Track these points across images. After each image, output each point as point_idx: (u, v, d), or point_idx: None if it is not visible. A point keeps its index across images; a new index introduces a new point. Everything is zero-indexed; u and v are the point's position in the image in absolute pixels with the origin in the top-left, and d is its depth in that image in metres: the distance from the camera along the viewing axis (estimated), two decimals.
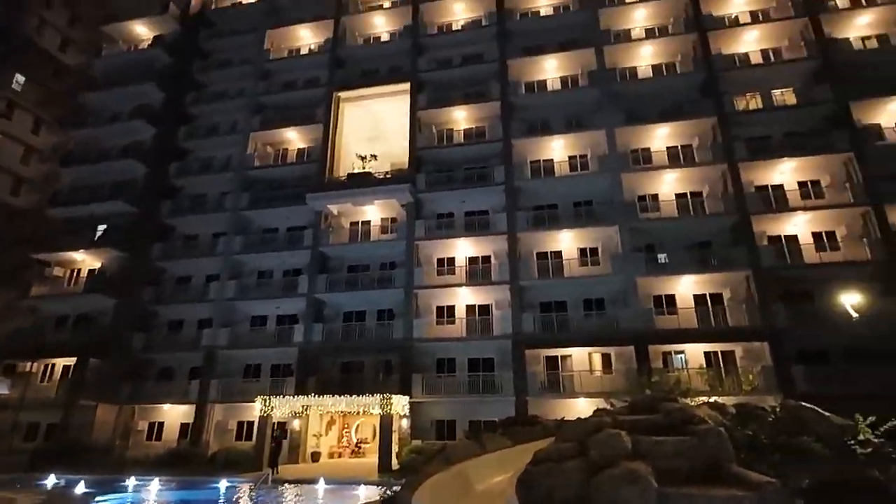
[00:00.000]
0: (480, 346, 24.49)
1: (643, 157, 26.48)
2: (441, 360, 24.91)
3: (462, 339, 24.55)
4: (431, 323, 25.58)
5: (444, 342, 24.70)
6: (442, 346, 24.79)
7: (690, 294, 23.66)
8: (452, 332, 25.01)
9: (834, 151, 23.42)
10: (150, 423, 26.76)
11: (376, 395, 21.53)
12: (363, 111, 31.55)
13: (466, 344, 24.55)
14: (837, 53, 25.07)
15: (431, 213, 27.88)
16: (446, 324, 25.59)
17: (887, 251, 21.25)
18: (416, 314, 25.36)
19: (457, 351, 24.82)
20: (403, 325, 24.75)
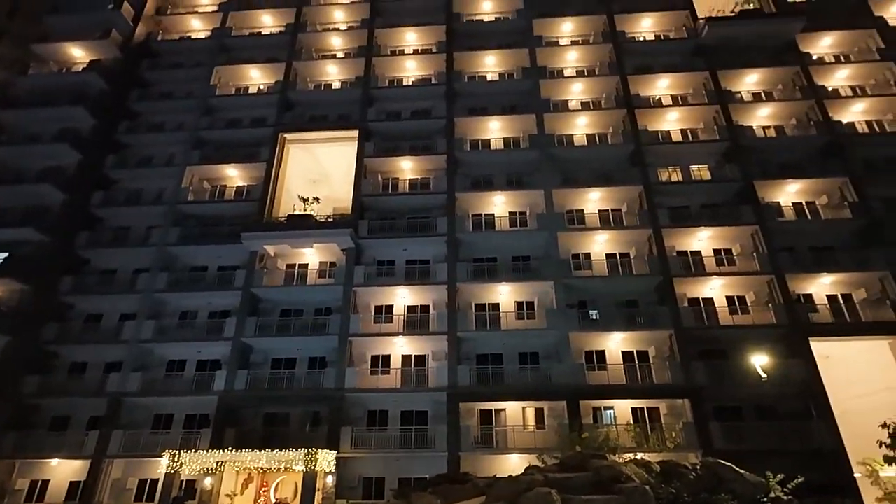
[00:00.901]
0: (414, 398, 23.87)
1: (577, 218, 28.00)
2: (373, 412, 23.96)
3: (396, 391, 23.86)
4: (365, 373, 24.77)
5: (378, 393, 23.88)
6: (375, 397, 23.93)
7: (619, 351, 24.58)
8: (387, 383, 24.29)
9: (742, 224, 25.92)
10: (33, 482, 23.38)
11: (301, 450, 20.17)
12: (308, 154, 31.48)
13: (400, 396, 23.86)
14: (743, 138, 28.31)
15: (372, 260, 27.64)
16: (381, 374, 24.86)
17: (789, 317, 23.35)
18: (350, 363, 24.51)
19: (390, 403, 24.01)
20: (336, 375, 23.76)
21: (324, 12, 36.01)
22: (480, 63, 33.03)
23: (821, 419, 21.21)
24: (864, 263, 24.40)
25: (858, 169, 26.87)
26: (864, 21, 31.33)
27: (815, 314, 24.14)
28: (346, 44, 34.79)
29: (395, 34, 34.26)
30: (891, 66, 29.63)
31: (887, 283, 23.94)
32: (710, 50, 31.19)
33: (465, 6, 35.01)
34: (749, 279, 24.94)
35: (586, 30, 33.76)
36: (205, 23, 36.62)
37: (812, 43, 31.35)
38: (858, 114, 29.44)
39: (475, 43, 33.34)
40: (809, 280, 24.71)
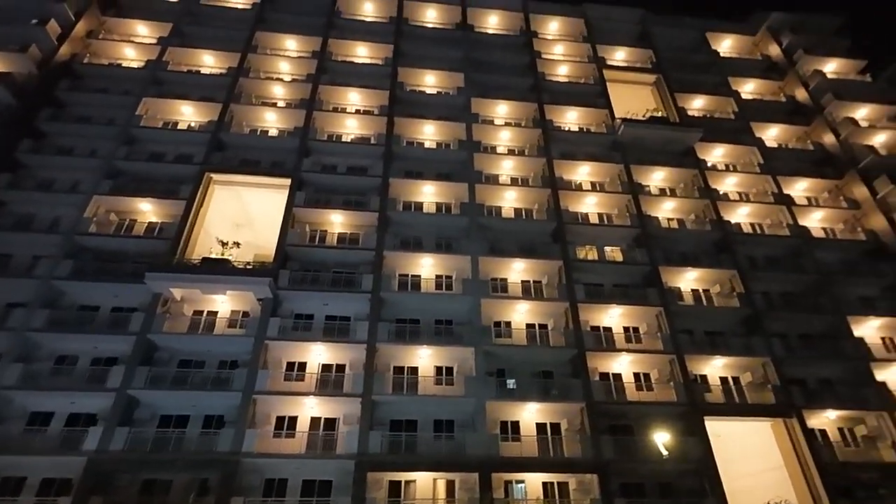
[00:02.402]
0: (320, 465, 22.10)
1: (501, 286, 28.80)
2: (271, 480, 21.80)
3: (300, 457, 21.99)
4: (267, 435, 22.75)
5: (280, 459, 21.85)
6: (276, 463, 21.87)
7: (533, 422, 24.68)
8: (291, 448, 22.39)
9: (649, 304, 27.95)
10: None
11: None
12: (235, 197, 30.33)
13: (304, 463, 21.98)
14: (651, 227, 31.24)
15: (289, 313, 26.33)
16: (285, 437, 22.95)
17: (687, 395, 24.93)
18: (252, 424, 22.47)
19: (292, 470, 22.02)
20: (233, 436, 21.56)
21: (269, 62, 36.23)
22: (419, 130, 34.40)
23: (714, 497, 22.21)
24: (749, 349, 27.01)
25: (744, 264, 30.37)
26: (748, 139, 36.75)
27: (709, 394, 26.00)
28: (288, 94, 34.95)
29: (339, 92, 35.03)
30: (769, 179, 34.63)
31: (768, 368, 26.54)
32: (625, 146, 34.88)
33: (410, 77, 36.84)
34: (654, 357, 26.54)
35: (519, 114, 36.60)
36: (140, 53, 35.39)
37: (707, 152, 36.09)
38: (744, 216, 33.75)
39: (416, 111, 34.86)
40: (704, 361, 26.79)
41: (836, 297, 29.59)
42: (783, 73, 41.71)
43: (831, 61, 40.73)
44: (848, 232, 33.80)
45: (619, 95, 38.07)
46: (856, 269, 31.58)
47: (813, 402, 25.78)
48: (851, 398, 26.32)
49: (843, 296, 30.00)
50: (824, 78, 39.02)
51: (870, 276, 31.04)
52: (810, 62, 40.41)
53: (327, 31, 37.59)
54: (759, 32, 44.11)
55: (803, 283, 30.42)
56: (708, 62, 41.89)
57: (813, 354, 27.92)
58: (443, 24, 40.46)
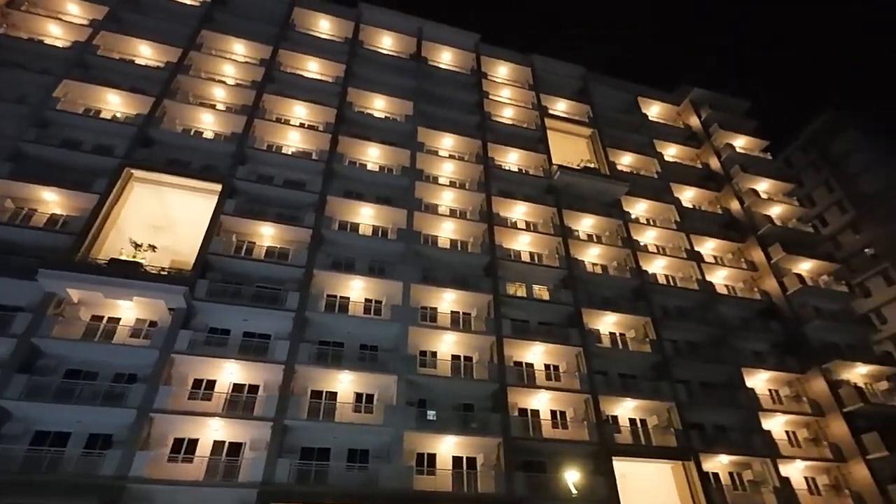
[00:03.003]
0: (218, 495, 20.34)
1: (431, 315, 28.74)
2: None
3: (198, 484, 20.16)
4: (161, 459, 20.74)
5: (174, 486, 19.84)
6: (168, 491, 19.84)
7: (450, 455, 24.41)
8: (188, 474, 20.51)
9: (570, 344, 29.00)
10: None
11: None
12: (156, 197, 28.38)
13: (201, 492, 20.15)
14: (577, 270, 32.77)
15: (203, 326, 24.60)
16: (182, 462, 21.03)
17: (599, 436, 25.84)
18: (145, 445, 20.42)
19: (186, 499, 20.10)
20: (121, 459, 19.41)
21: (213, 62, 34.86)
22: (363, 152, 34.26)
23: None
24: (657, 393, 28.64)
25: (657, 313, 32.51)
26: (667, 198, 40.00)
27: (619, 435, 27.12)
28: (229, 98, 33.68)
29: (285, 103, 34.26)
30: (683, 236, 37.69)
31: (672, 413, 28.20)
32: (559, 191, 36.73)
33: (360, 99, 36.86)
34: (571, 396, 27.38)
35: (463, 148, 37.59)
36: (67, 32, 32.76)
37: (632, 205, 38.81)
38: (660, 268, 36.34)
39: (361, 132, 34.79)
40: (616, 402, 28.03)
41: (734, 350, 32.34)
42: (700, 142, 46.20)
43: (740, 138, 45.70)
44: (746, 291, 37.34)
45: (557, 143, 40.36)
46: (751, 326, 34.81)
47: (709, 447, 27.64)
48: (742, 444, 28.52)
49: (739, 349, 32.86)
50: (734, 151, 43.62)
51: (762, 332, 34.30)
52: (723, 136, 45.10)
53: (279, 42, 36.95)
54: (682, 104, 48.81)
55: (706, 334, 33.00)
56: (638, 124, 45.57)
57: (711, 401, 30.10)
58: (397, 53, 41.15)
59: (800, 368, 32.61)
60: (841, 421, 30.04)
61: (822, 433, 30.73)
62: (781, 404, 31.82)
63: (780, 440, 29.49)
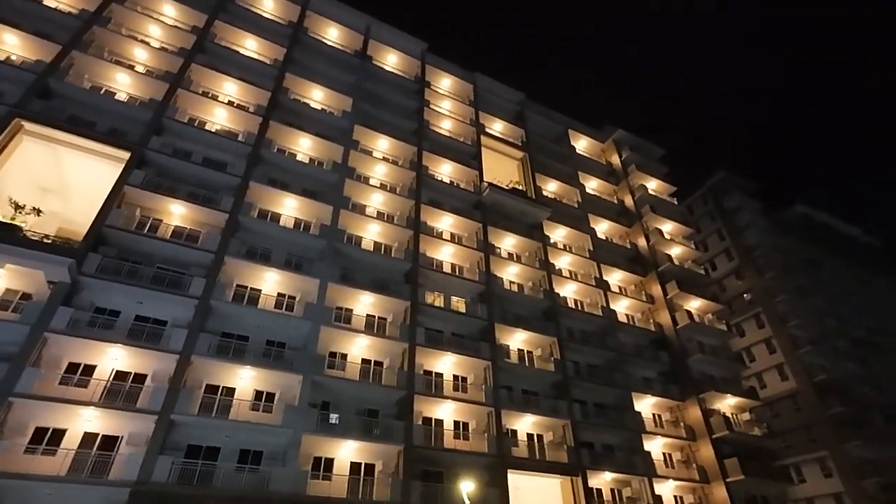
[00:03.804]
0: (83, 493, 18.27)
1: (345, 317, 28.13)
2: None
3: (58, 480, 17.94)
4: (17, 449, 18.33)
5: (27, 481, 17.54)
6: (20, 486, 17.53)
7: (349, 461, 23.90)
8: (48, 468, 18.22)
9: (480, 357, 29.66)
10: None
11: None
12: (50, 156, 25.39)
13: (64, 489, 17.98)
14: (495, 286, 33.72)
15: (88, 304, 22.21)
16: (42, 454, 18.71)
17: (498, 448, 26.57)
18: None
19: (42, 496, 17.86)
20: None
21: (137, 20, 32.00)
22: (294, 141, 33.02)
23: None
24: (555, 411, 30.08)
25: (564, 334, 34.26)
26: (584, 227, 42.49)
27: (516, 448, 28.08)
28: (151, 61, 31.05)
29: (214, 78, 32.19)
30: (594, 265, 40.16)
31: (567, 430, 29.73)
32: (486, 208, 37.74)
33: (297, 86, 35.56)
34: (475, 408, 27.94)
35: (397, 153, 37.49)
36: None
37: (552, 230, 40.76)
38: (570, 292, 38.41)
39: (295, 121, 33.52)
40: (517, 417, 29.04)
41: (627, 375, 34.86)
42: (619, 179, 49.72)
43: (653, 180, 49.78)
44: (644, 321, 40.48)
45: (490, 161, 41.58)
46: (643, 353, 37.76)
47: (596, 464, 29.42)
48: (625, 463, 30.67)
49: (631, 374, 35.47)
50: (646, 192, 47.40)
51: (652, 361, 37.32)
52: (639, 177, 48.87)
53: (216, 11, 34.77)
54: (607, 141, 52.34)
55: (605, 358, 35.30)
56: (566, 154, 48.15)
57: (602, 421, 32.14)
58: (342, 46, 40.30)
59: (681, 396, 35.83)
60: (709, 446, 33.35)
61: (692, 456, 33.89)
62: (662, 428, 34.70)
63: (658, 460, 32.16)
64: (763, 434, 35.81)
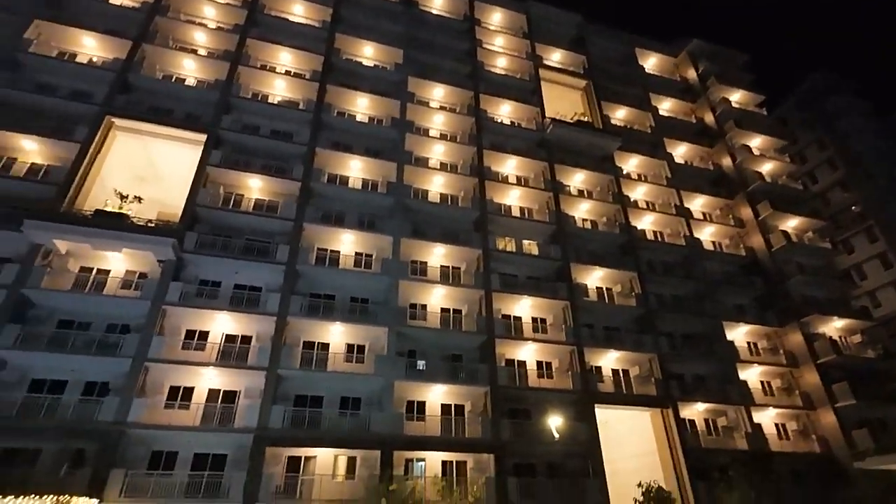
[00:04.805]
0: (215, 439, 21.18)
1: (420, 269, 29.01)
2: (158, 453, 20.55)
3: (195, 429, 20.89)
4: (158, 405, 21.36)
5: (170, 431, 20.61)
6: (165, 435, 20.61)
7: (439, 403, 25.35)
8: (184, 420, 21.19)
9: (557, 298, 29.57)
10: None
11: (46, 498, 16.16)
12: (141, 147, 27.68)
13: (198, 436, 20.93)
14: (567, 225, 32.93)
15: (193, 278, 24.69)
16: (178, 408, 21.67)
17: (583, 384, 26.85)
18: (141, 392, 20.95)
19: (183, 443, 20.90)
20: (118, 405, 19.97)
21: (192, 3, 33.15)
22: (352, 102, 33.35)
23: (596, 477, 24.27)
24: (640, 345, 29.56)
25: (644, 268, 33.03)
26: (660, 153, 39.72)
27: (602, 384, 28.20)
28: (211, 42, 32.27)
29: (270, 50, 32.93)
30: (673, 192, 37.74)
31: (654, 363, 29.23)
32: (551, 145, 36.29)
33: (347, 45, 35.47)
34: (556, 347, 28.20)
35: (454, 100, 36.69)
36: None
37: (624, 160, 38.55)
38: (648, 224, 36.61)
39: (350, 81, 33.72)
40: (600, 354, 28.94)
41: (716, 304, 33.18)
42: (696, 96, 45.42)
43: (736, 92, 44.96)
44: (732, 247, 37.90)
45: (550, 95, 39.48)
46: (734, 281, 35.58)
47: (687, 396, 28.86)
48: (718, 393, 29.81)
49: (721, 303, 33.71)
50: (729, 106, 43.03)
51: (744, 287, 35.13)
52: (720, 90, 44.33)
53: None
54: (680, 55, 47.58)
55: (691, 288, 33.74)
56: (634, 76, 44.52)
57: (692, 353, 31.18)
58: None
59: (778, 322, 33.68)
60: (814, 371, 31.38)
61: (794, 383, 32.15)
62: (759, 356, 33.06)
63: (755, 389, 30.91)
64: (878, 356, 33.02)
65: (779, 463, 27.63)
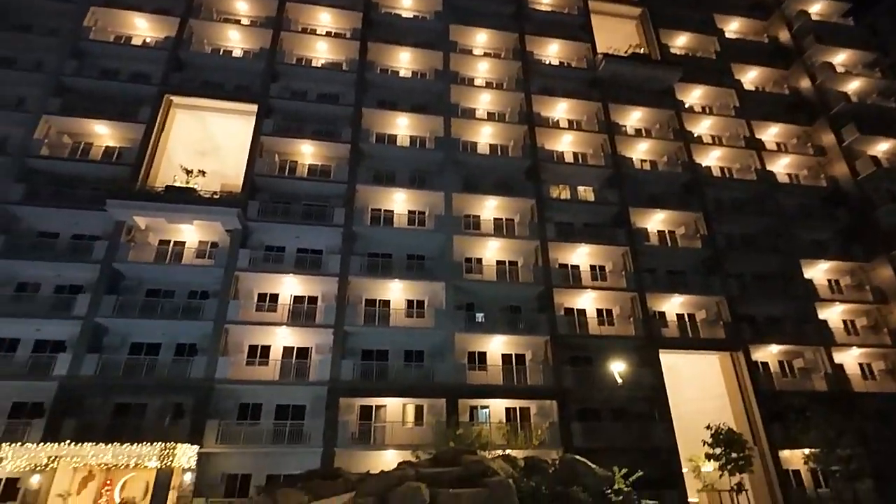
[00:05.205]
0: (293, 391, 22.92)
1: (474, 223, 28.96)
2: (245, 405, 22.57)
3: (274, 384, 22.70)
4: (240, 363, 23.25)
5: (253, 385, 22.55)
6: (249, 389, 22.56)
7: (500, 353, 25.85)
8: (264, 375, 23.01)
9: (616, 244, 28.71)
10: None
11: (156, 445, 18.33)
12: (198, 122, 28.83)
13: (278, 389, 22.76)
14: (624, 167, 31.42)
15: (259, 244, 26.05)
16: (258, 365, 23.50)
17: (646, 330, 26.36)
18: (225, 352, 22.84)
19: (266, 396, 22.80)
20: (206, 364, 21.95)
21: None
22: (394, 57, 32.77)
23: (661, 421, 24.21)
24: (707, 288, 28.37)
25: (710, 206, 31.18)
26: (726, 81, 36.46)
27: (666, 329, 27.54)
28: (252, 11, 32.42)
29: (308, 11, 32.69)
30: (742, 123, 34.82)
31: (722, 306, 28.07)
32: (604, 83, 34.18)
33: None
34: (617, 294, 27.67)
35: (499, 44, 35.11)
36: None
37: (685, 92, 35.77)
38: (714, 159, 34.22)
39: (391, 36, 33.02)
40: (664, 299, 28.10)
41: (792, 240, 30.97)
42: (769, 11, 40.81)
43: (816, 2, 39.96)
44: (811, 178, 34.82)
45: (601, 28, 36.79)
46: (812, 214, 32.93)
47: (759, 338, 27.64)
48: (794, 334, 28.32)
49: (798, 239, 31.40)
50: (808, 19, 38.42)
51: (825, 220, 32.45)
52: (796, 2, 39.54)
53: None
54: None
55: (763, 225, 31.60)
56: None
57: (764, 294, 29.58)
58: None
59: (865, 256, 31.06)
60: None
61: (882, 321, 29.89)
62: (841, 293, 30.89)
63: (836, 328, 29.09)
64: None
65: (862, 403, 26.24)
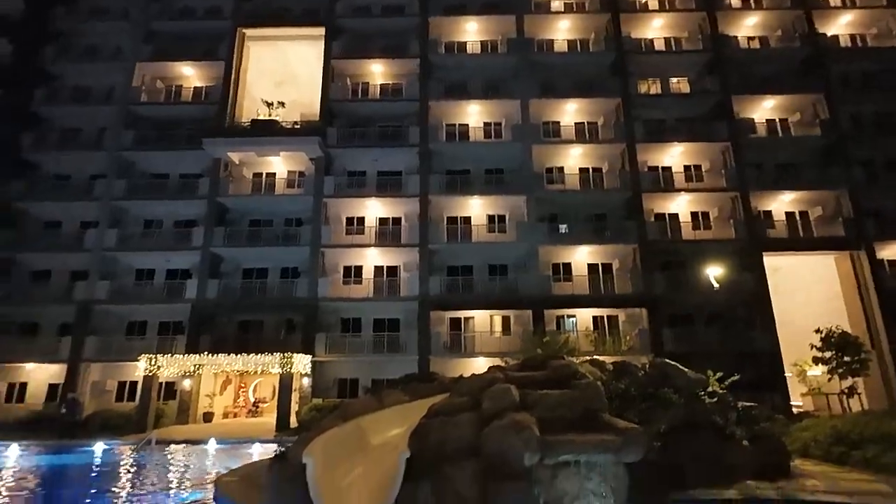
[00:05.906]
0: (386, 306, 24.59)
1: (553, 130, 27.46)
2: (346, 319, 24.70)
3: (369, 300, 24.45)
4: (338, 282, 25.14)
5: (351, 302, 24.47)
6: (348, 305, 24.54)
7: (585, 263, 25.42)
8: (359, 293, 24.79)
9: (715, 140, 25.95)
10: (10, 385, 23.74)
11: (276, 355, 20.90)
12: (271, 52, 29.19)
13: (373, 304, 24.51)
14: (727, 49, 27.45)
15: (342, 170, 26.92)
16: (353, 284, 25.28)
17: (748, 232, 24.31)
18: (323, 273, 24.74)
19: (363, 311, 24.72)
20: (308, 284, 24.04)
21: None
22: None
23: (762, 325, 22.93)
24: (825, 181, 25.10)
25: (835, 84, 26.70)
26: None
27: (772, 230, 25.18)
28: None
29: None
30: None
31: (843, 200, 24.86)
32: None
33: None
34: (715, 196, 25.50)
35: None
36: None
37: None
38: (843, 27, 28.71)
39: None
40: (771, 197, 25.45)
41: None
42: None
43: None
44: None
45: None
46: None
47: (885, 234, 24.42)
48: None
49: None
50: None
51: None
52: None
53: None
54: None
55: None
56: None
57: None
58: None
59: None
60: None
61: None
62: None
63: None
64: None
65: None
